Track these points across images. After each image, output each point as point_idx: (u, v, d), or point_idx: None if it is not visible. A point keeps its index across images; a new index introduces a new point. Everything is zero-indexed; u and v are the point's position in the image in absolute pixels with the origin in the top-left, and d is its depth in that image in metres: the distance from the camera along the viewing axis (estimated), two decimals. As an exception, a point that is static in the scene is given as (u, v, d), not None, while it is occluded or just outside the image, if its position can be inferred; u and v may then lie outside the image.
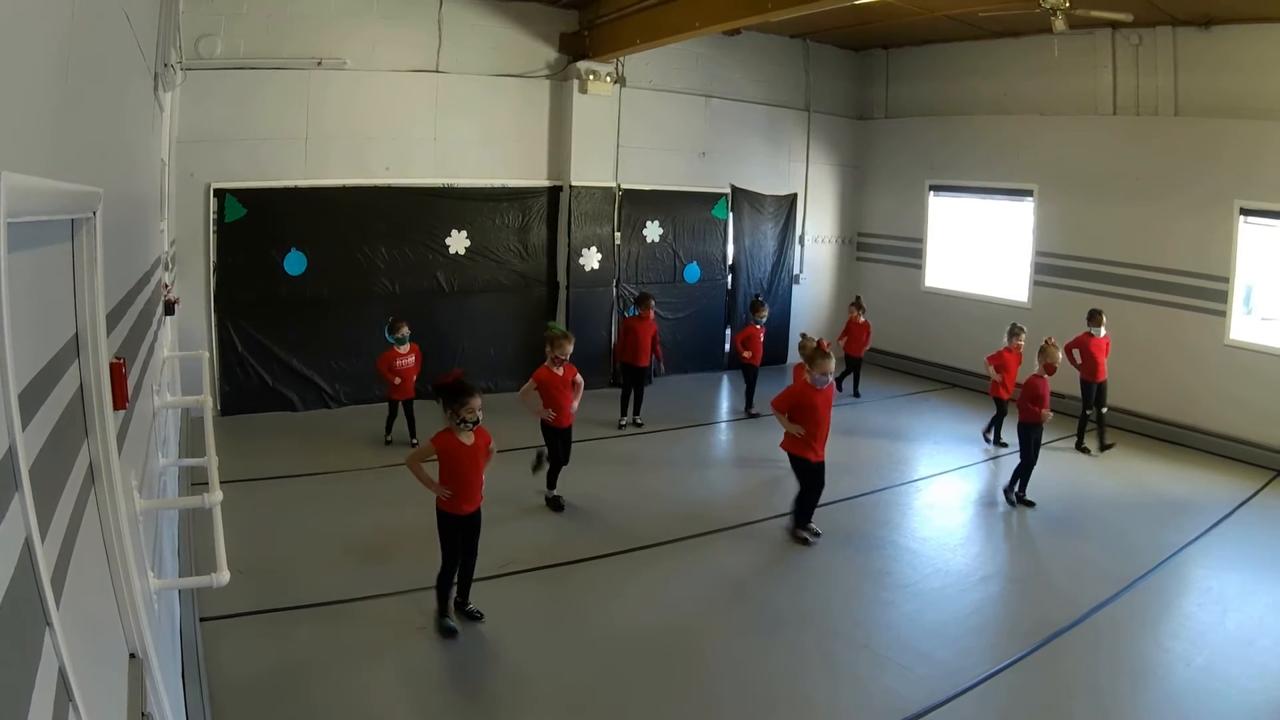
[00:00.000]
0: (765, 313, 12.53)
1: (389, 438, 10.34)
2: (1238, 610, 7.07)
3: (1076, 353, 11.15)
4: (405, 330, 10.09)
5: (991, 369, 11.03)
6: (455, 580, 6.33)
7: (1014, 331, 11.06)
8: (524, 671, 5.93)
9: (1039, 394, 9.07)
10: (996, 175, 14.48)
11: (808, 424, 7.83)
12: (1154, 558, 8.04)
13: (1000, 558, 8.29)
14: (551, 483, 8.80)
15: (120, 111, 3.59)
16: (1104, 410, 11.45)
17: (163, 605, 3.66)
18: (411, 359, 10.13)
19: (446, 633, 6.20)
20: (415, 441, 9.91)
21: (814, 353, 7.89)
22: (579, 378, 8.64)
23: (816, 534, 8.16)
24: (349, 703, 5.36)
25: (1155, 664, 6.23)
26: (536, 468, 8.74)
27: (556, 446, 8.70)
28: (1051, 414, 9.13)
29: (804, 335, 9.28)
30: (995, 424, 11.42)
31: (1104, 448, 11.43)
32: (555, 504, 8.75)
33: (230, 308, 11.07)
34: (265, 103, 10.87)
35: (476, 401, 6.01)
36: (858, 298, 14.14)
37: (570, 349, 8.50)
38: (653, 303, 12.15)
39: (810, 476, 8.04)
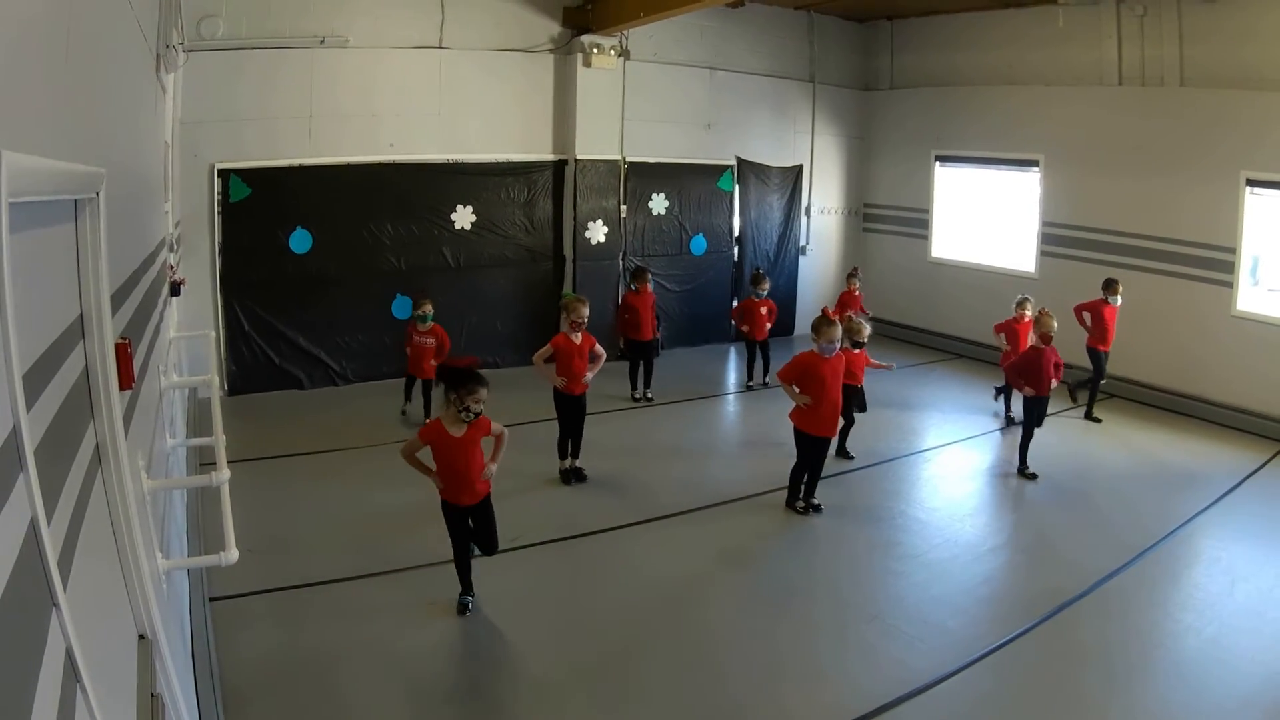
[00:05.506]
0: (766, 285, 12.45)
1: (405, 405, 10.48)
2: (1246, 581, 7.07)
3: (1088, 316, 11.14)
4: (426, 309, 10.00)
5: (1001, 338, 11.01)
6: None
7: (1020, 303, 11.01)
8: (536, 643, 5.96)
9: (1028, 367, 9.07)
10: (1002, 146, 14.39)
11: (815, 393, 7.78)
12: (1162, 528, 8.04)
13: (1009, 528, 8.30)
14: (562, 454, 8.83)
15: (122, 93, 3.58)
16: (1102, 381, 11.46)
17: (171, 585, 3.68)
18: (430, 340, 10.01)
19: (460, 608, 6.23)
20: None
21: (820, 321, 7.85)
22: (599, 348, 8.61)
23: (805, 510, 8.17)
24: (360, 680, 5.39)
25: (1165, 634, 6.24)
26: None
27: (567, 416, 8.70)
28: (1032, 390, 9.11)
29: (850, 316, 9.33)
30: (1005, 396, 11.42)
31: (1089, 415, 11.48)
32: (566, 477, 8.77)
33: (236, 287, 11.06)
34: (268, 82, 10.81)
35: (483, 392, 5.83)
36: (855, 268, 14.06)
37: (586, 312, 8.49)
38: (650, 276, 12.15)
39: (810, 451, 8.02)
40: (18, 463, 1.35)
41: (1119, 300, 11.07)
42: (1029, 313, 10.79)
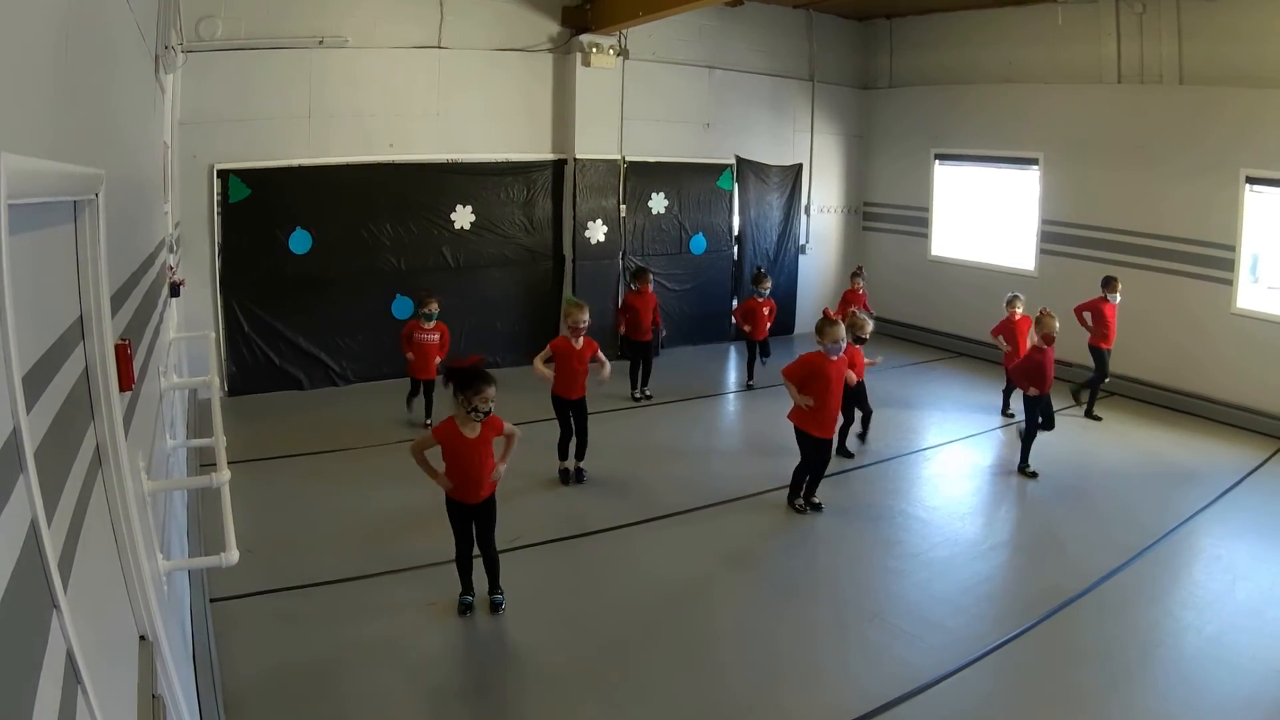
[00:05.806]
0: (768, 285, 12.45)
1: (427, 420, 10.01)
2: (1247, 579, 7.07)
3: (1089, 315, 11.14)
4: (433, 307, 9.94)
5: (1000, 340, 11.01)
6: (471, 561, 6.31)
7: (1010, 300, 11.04)
8: (536, 643, 5.96)
9: (1034, 369, 9.05)
10: (1001, 144, 14.39)
11: (818, 395, 7.75)
12: (1162, 526, 8.04)
13: (1009, 526, 8.30)
14: (562, 454, 8.80)
15: (121, 94, 3.58)
16: (1105, 379, 11.46)
17: (172, 587, 3.67)
18: (435, 336, 10.00)
19: (461, 608, 6.22)
20: (430, 423, 9.83)
21: (823, 323, 7.83)
22: (602, 354, 8.57)
23: (804, 509, 8.16)
24: (361, 680, 5.39)
25: (1165, 633, 6.23)
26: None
27: (566, 419, 8.68)
28: (1036, 391, 9.09)
29: (854, 311, 9.35)
30: (1005, 395, 11.43)
31: (1089, 413, 11.50)
32: (566, 477, 8.76)
33: (236, 288, 11.05)
34: (267, 83, 10.81)
35: (491, 391, 5.77)
36: (859, 268, 14.05)
37: (585, 317, 8.42)
38: (651, 276, 12.16)
39: (812, 451, 8.00)
40: (18, 464, 1.34)
41: (1118, 298, 11.07)
42: (1019, 310, 10.82)
